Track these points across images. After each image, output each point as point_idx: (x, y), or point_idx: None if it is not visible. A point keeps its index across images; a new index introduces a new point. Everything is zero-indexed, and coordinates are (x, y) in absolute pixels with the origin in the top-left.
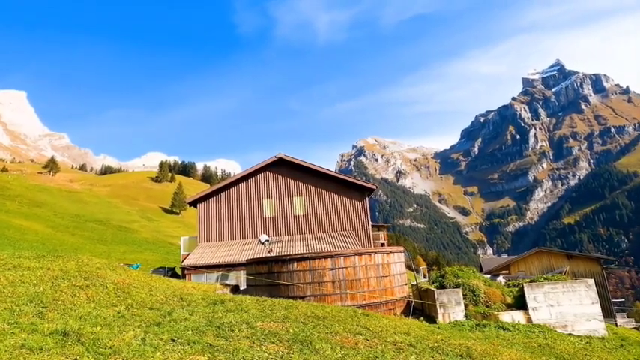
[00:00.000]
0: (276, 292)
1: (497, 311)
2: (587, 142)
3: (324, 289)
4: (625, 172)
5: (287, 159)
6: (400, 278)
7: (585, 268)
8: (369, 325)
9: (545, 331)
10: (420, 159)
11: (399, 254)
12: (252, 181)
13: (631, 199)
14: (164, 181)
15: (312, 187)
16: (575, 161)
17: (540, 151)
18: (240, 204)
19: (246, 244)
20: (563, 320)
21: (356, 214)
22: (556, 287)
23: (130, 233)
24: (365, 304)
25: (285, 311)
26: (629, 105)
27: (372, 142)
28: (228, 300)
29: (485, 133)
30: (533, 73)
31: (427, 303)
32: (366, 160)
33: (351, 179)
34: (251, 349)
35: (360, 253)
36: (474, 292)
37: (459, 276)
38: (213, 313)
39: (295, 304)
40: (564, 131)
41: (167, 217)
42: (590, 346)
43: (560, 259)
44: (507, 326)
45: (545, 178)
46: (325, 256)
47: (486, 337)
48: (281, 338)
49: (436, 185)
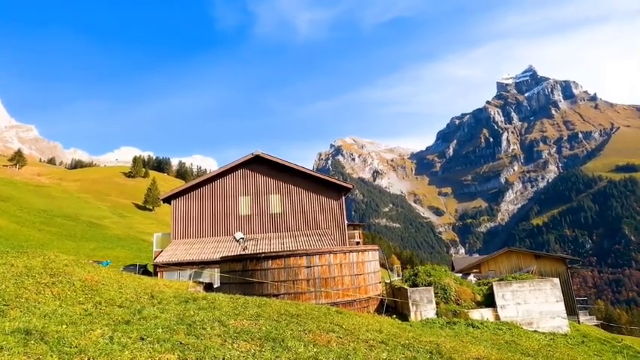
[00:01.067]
0: (251, 290)
1: (467, 309)
2: (556, 146)
3: (298, 288)
4: (591, 175)
5: (264, 156)
6: (374, 277)
7: (551, 268)
8: (342, 323)
9: (512, 329)
10: (396, 159)
11: (373, 253)
12: (229, 178)
13: (595, 202)
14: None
15: (289, 185)
16: (544, 164)
17: (512, 154)
18: (215, 201)
19: (221, 242)
20: (530, 318)
21: (332, 212)
22: (523, 286)
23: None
24: (339, 302)
25: (258, 309)
26: (596, 112)
27: (350, 142)
28: (201, 298)
29: (460, 135)
30: (507, 78)
31: (400, 301)
32: (344, 160)
33: (328, 178)
34: (223, 347)
35: (335, 251)
36: (445, 291)
37: (431, 275)
38: (184, 311)
39: (269, 302)
40: (535, 135)
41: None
42: (554, 342)
43: (528, 258)
44: (476, 324)
45: (516, 181)
46: (300, 254)
47: (456, 334)
48: (253, 336)
49: (412, 185)
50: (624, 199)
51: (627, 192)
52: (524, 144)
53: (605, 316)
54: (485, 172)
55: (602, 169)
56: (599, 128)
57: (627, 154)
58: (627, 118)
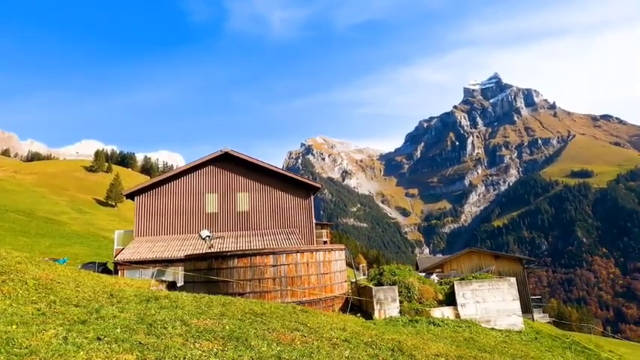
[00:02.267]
0: (215, 289)
1: (429, 308)
2: (518, 151)
3: (264, 286)
4: (548, 180)
5: (233, 154)
6: (340, 276)
7: (509, 268)
8: (307, 322)
9: (470, 326)
10: (365, 160)
11: (340, 252)
12: (196, 174)
13: (552, 205)
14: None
15: (258, 183)
16: (506, 168)
17: (476, 158)
18: (181, 198)
19: (186, 240)
20: (488, 316)
21: (300, 211)
22: (483, 285)
23: (57, 225)
24: (305, 300)
25: (222, 308)
26: (555, 119)
27: (321, 141)
28: (163, 297)
29: (428, 138)
30: (474, 84)
31: (365, 300)
32: (314, 159)
33: (297, 177)
34: (184, 347)
35: (301, 250)
36: (409, 290)
37: (396, 274)
38: (145, 311)
39: (234, 301)
40: (498, 140)
41: (101, 209)
42: (509, 339)
43: (488, 259)
44: (437, 322)
45: (480, 183)
46: (267, 252)
47: (418, 332)
48: (216, 335)
49: (380, 186)
50: (578, 203)
51: (581, 196)
52: (488, 148)
53: (558, 314)
54: (451, 175)
55: (558, 174)
56: (557, 135)
57: (582, 160)
58: (582, 127)
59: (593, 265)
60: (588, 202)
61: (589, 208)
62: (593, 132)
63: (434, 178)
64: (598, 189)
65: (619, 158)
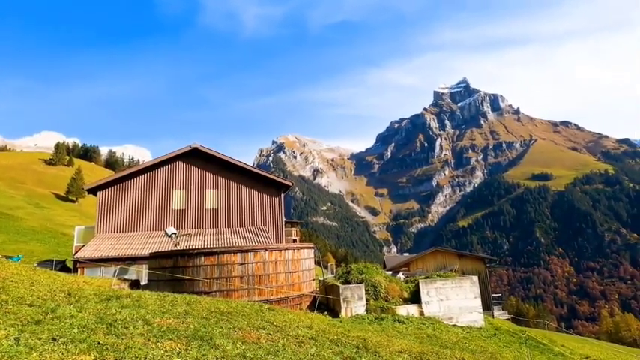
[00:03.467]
0: (180, 288)
1: (394, 305)
2: (483, 154)
3: (231, 285)
4: (511, 182)
5: (202, 150)
6: (308, 274)
7: (472, 267)
8: (274, 320)
9: (434, 323)
10: (337, 159)
11: (308, 250)
12: (163, 170)
13: (514, 206)
14: (60, 164)
15: (227, 180)
16: (472, 170)
17: (444, 159)
18: (147, 194)
19: (151, 237)
20: (450, 313)
21: (270, 209)
22: (446, 283)
23: (12, 221)
24: (272, 299)
25: (187, 307)
26: (518, 124)
27: (292, 140)
28: (125, 295)
29: (398, 139)
30: (443, 87)
31: (332, 298)
32: (285, 157)
33: (267, 175)
34: (145, 346)
35: (270, 248)
36: (375, 288)
37: (363, 272)
38: (105, 310)
39: (199, 299)
40: (465, 143)
41: (61, 204)
42: (470, 335)
43: (452, 258)
44: (402, 319)
45: (447, 184)
46: (235, 250)
47: (383, 329)
48: (180, 335)
49: (350, 185)
50: (537, 205)
51: (540, 198)
52: (455, 150)
53: (516, 311)
54: (419, 176)
55: (520, 176)
56: (520, 139)
57: (542, 164)
58: (544, 132)
59: (550, 264)
60: (547, 204)
61: (547, 210)
62: (553, 137)
63: (403, 178)
64: (556, 192)
65: (576, 163)
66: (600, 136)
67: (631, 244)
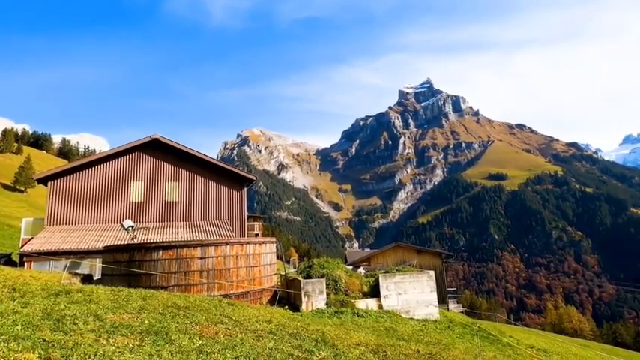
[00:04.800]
0: (137, 282)
1: (354, 299)
2: (444, 153)
3: (190, 279)
4: (469, 181)
5: (163, 141)
6: (270, 268)
7: (430, 262)
8: (233, 315)
9: (392, 316)
10: (302, 154)
11: (270, 245)
12: (121, 161)
13: (471, 204)
14: (7, 152)
15: (189, 172)
16: (432, 169)
17: (407, 158)
18: (103, 185)
19: (106, 230)
20: (408, 306)
21: (233, 203)
22: (405, 278)
23: None
24: (232, 293)
25: (142, 302)
26: (478, 125)
27: (258, 133)
28: (76, 291)
29: (363, 136)
30: (408, 87)
31: (293, 292)
32: (250, 151)
33: (231, 168)
34: (96, 343)
35: (231, 242)
36: (336, 282)
37: (324, 267)
38: (53, 305)
39: (156, 294)
40: (427, 142)
41: (8, 194)
42: (426, 327)
43: (411, 253)
44: (362, 312)
45: (409, 182)
46: (195, 244)
47: (342, 322)
48: (133, 330)
49: (314, 181)
50: (492, 203)
51: (495, 197)
52: (418, 149)
53: (470, 304)
54: (383, 173)
55: (477, 176)
56: (478, 140)
57: (498, 164)
58: (500, 134)
59: (503, 260)
60: (501, 202)
61: (502, 209)
62: (509, 139)
63: (367, 175)
64: (510, 191)
65: (529, 164)
66: (551, 139)
67: (575, 242)
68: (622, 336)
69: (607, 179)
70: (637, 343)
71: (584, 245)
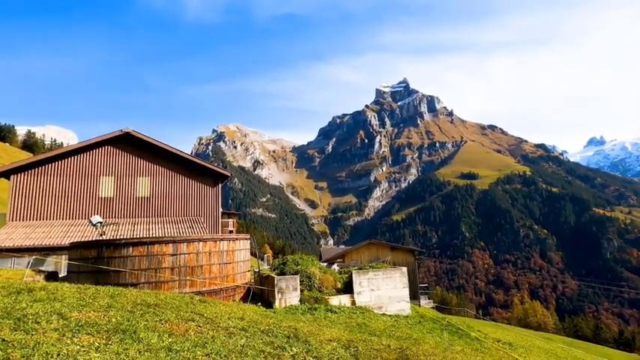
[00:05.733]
0: (105, 280)
1: (328, 296)
2: (418, 152)
3: (161, 276)
4: (442, 180)
5: (135, 135)
6: (243, 265)
7: (403, 259)
8: (204, 312)
9: (364, 312)
10: (278, 151)
11: (244, 242)
12: (90, 154)
13: (443, 202)
14: None
15: (162, 168)
16: (407, 167)
17: (382, 156)
18: (70, 180)
19: (74, 226)
20: (380, 302)
21: (207, 199)
22: (378, 274)
23: None
24: (204, 291)
25: (110, 300)
26: (451, 125)
27: (234, 129)
28: (39, 288)
29: (340, 134)
30: (385, 86)
31: (267, 289)
32: (225, 147)
33: (205, 164)
34: (59, 342)
35: (204, 239)
36: (310, 279)
37: (299, 264)
38: (14, 304)
39: (124, 291)
40: (402, 141)
41: None
42: (397, 323)
43: (385, 250)
44: (335, 309)
45: (384, 180)
46: (166, 241)
47: (315, 319)
48: (100, 329)
49: (291, 178)
50: (464, 202)
51: (467, 196)
52: (393, 148)
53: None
54: (358, 171)
55: (450, 175)
56: (452, 140)
57: (470, 164)
58: (473, 134)
59: (473, 257)
60: (473, 201)
61: (473, 207)
62: (481, 139)
63: (343, 172)
64: (481, 190)
65: (499, 164)
66: (521, 140)
67: (541, 239)
68: (582, 329)
69: (572, 180)
70: (596, 336)
71: (549, 243)
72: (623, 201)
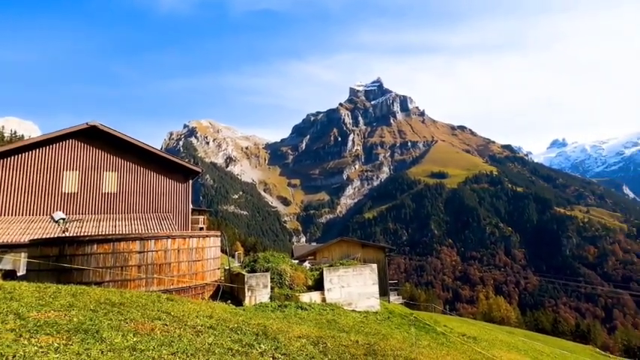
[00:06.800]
0: (67, 279)
1: (299, 293)
2: (391, 151)
3: (127, 274)
4: (413, 179)
5: (102, 128)
6: (213, 263)
7: (374, 256)
8: (172, 311)
9: (334, 309)
10: (251, 147)
11: (215, 239)
12: (53, 148)
13: (414, 201)
14: None
15: (130, 163)
16: (379, 166)
17: (355, 154)
18: (31, 174)
19: (34, 222)
20: (350, 299)
21: (177, 196)
22: (348, 271)
23: None
24: (172, 289)
25: (72, 299)
26: (423, 125)
27: (206, 125)
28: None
29: (314, 131)
30: (359, 85)
31: (237, 287)
32: (197, 142)
33: (175, 159)
34: (15, 343)
35: (173, 236)
36: (281, 276)
37: (270, 261)
38: None
39: (88, 290)
40: (375, 139)
41: None
42: (367, 319)
43: (356, 247)
44: (305, 306)
45: (356, 178)
46: (133, 238)
47: (285, 316)
48: (60, 329)
49: (263, 175)
50: (434, 200)
51: (437, 194)
52: (366, 146)
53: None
54: (331, 168)
55: (421, 174)
56: (423, 140)
57: (440, 163)
58: (443, 134)
59: (441, 254)
60: (442, 199)
61: (442, 205)
62: (451, 139)
63: (316, 170)
64: (450, 189)
65: (468, 164)
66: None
67: (506, 237)
68: (542, 323)
69: (535, 180)
70: (555, 329)
71: (513, 240)
72: (582, 200)
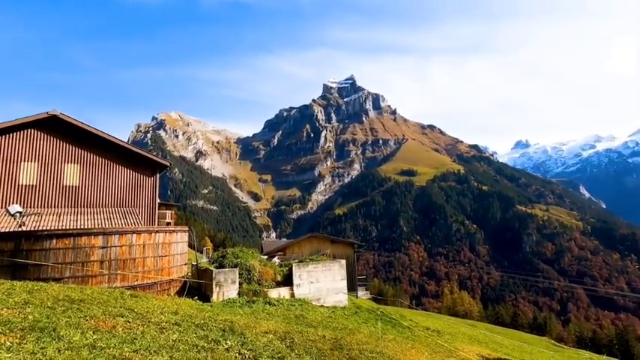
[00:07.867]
0: (23, 275)
1: (267, 289)
2: (362, 148)
3: (89, 270)
4: (383, 176)
5: (63, 118)
6: (180, 258)
7: (343, 251)
8: (135, 307)
9: (303, 304)
10: (222, 142)
11: (182, 234)
12: (9, 137)
13: (384, 198)
14: None
15: (93, 155)
16: (351, 163)
17: (327, 151)
18: None
19: None
20: (319, 294)
21: (143, 190)
22: (317, 267)
23: None
24: (137, 285)
25: (27, 295)
26: (394, 124)
27: (176, 117)
28: None
29: (286, 127)
30: (332, 82)
31: (205, 282)
32: (166, 135)
33: (141, 152)
34: None
35: (138, 231)
36: (249, 272)
37: (238, 257)
38: None
39: (45, 287)
40: (347, 136)
41: None
42: (334, 314)
43: (326, 243)
44: (274, 301)
45: (328, 174)
46: (96, 233)
47: (253, 312)
48: (14, 327)
49: (234, 169)
50: (403, 197)
51: (406, 192)
52: (338, 143)
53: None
54: (303, 164)
55: (391, 171)
56: (394, 138)
57: (410, 161)
58: (414, 133)
59: (409, 250)
60: (411, 197)
61: (411, 202)
62: (421, 138)
63: (287, 166)
64: (419, 187)
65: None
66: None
67: (471, 234)
68: (503, 316)
69: (500, 179)
70: (514, 322)
71: (478, 237)
72: (542, 199)
